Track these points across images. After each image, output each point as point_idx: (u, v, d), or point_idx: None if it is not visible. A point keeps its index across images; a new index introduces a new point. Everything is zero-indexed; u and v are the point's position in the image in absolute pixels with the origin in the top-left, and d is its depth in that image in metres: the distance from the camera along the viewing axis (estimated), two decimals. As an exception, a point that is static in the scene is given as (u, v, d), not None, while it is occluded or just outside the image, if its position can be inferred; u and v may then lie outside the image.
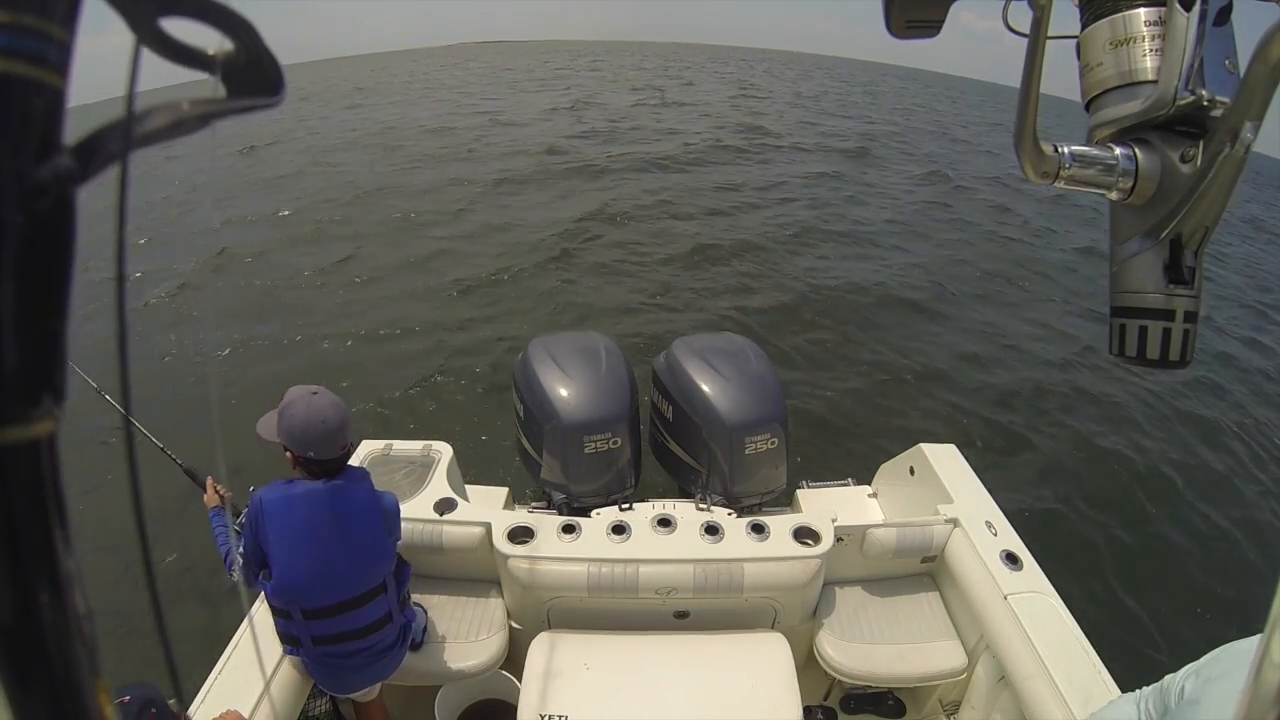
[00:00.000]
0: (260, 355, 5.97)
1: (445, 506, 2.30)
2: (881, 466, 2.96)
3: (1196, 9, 0.62)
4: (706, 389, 2.40)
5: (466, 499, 2.41)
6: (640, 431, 2.56)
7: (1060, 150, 0.69)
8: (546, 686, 1.82)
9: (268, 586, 1.73)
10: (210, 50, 0.25)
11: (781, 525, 2.19)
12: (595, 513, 2.28)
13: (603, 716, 1.76)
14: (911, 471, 2.72)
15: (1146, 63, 0.67)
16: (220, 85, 0.25)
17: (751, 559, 2.09)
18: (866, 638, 2.26)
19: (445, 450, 2.59)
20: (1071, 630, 1.98)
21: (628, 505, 2.30)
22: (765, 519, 2.22)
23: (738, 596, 2.09)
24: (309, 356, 5.95)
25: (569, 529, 2.17)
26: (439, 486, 2.41)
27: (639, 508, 2.29)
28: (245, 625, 1.93)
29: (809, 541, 2.15)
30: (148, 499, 0.27)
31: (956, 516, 2.36)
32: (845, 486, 2.99)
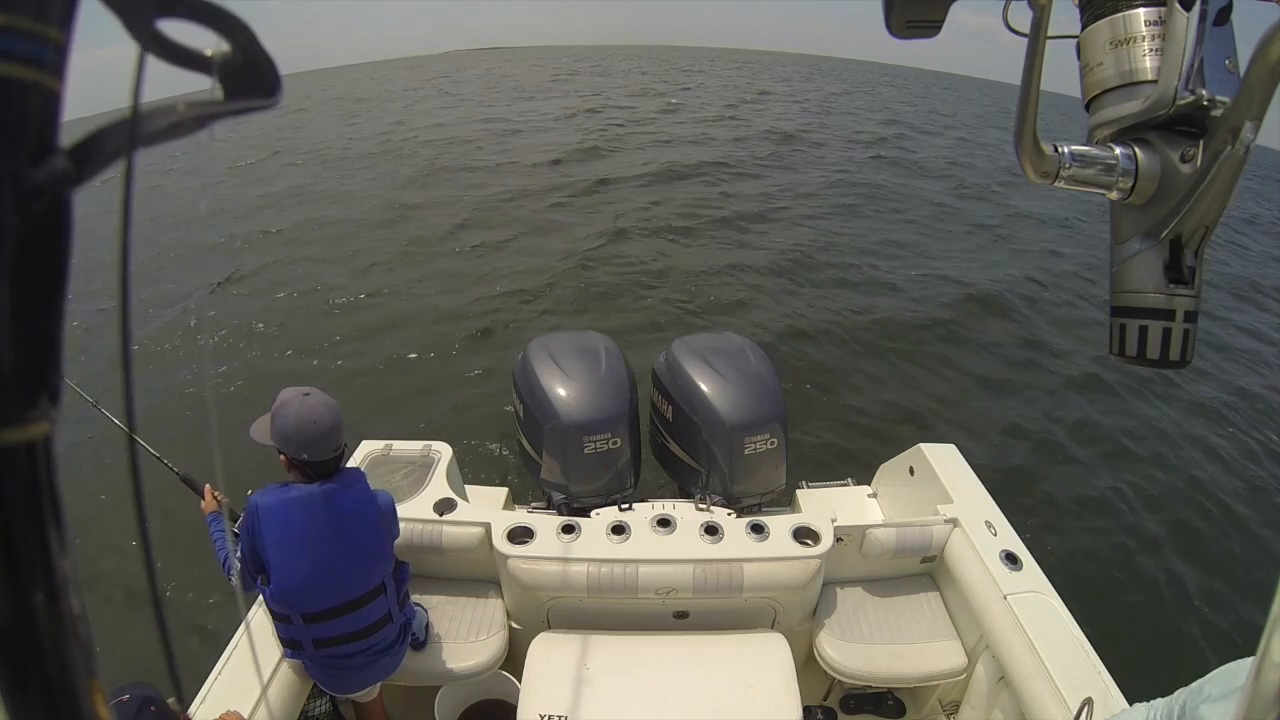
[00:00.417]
0: (258, 356, 5.97)
1: (445, 507, 2.30)
2: (881, 466, 2.95)
3: (1196, 9, 0.62)
4: (706, 389, 2.39)
5: (466, 499, 2.41)
6: (640, 432, 2.56)
7: (1060, 150, 0.69)
8: (546, 686, 1.82)
9: (267, 592, 1.72)
10: (207, 52, 0.25)
11: (781, 525, 2.19)
12: (595, 513, 2.28)
13: (602, 716, 1.75)
14: (911, 471, 2.72)
15: (1146, 63, 0.66)
16: (217, 87, 0.25)
17: (751, 559, 2.09)
18: (866, 638, 2.26)
19: (445, 450, 2.59)
20: (1071, 630, 1.98)
21: (627, 505, 2.30)
22: (765, 519, 2.21)
23: (737, 597, 2.09)
24: (307, 358, 5.95)
25: (569, 529, 2.16)
26: (439, 487, 2.41)
27: (639, 508, 2.29)
28: (244, 627, 1.94)
29: (809, 541, 2.15)
30: (147, 503, 0.27)
31: (956, 516, 2.36)
32: (845, 486, 2.99)
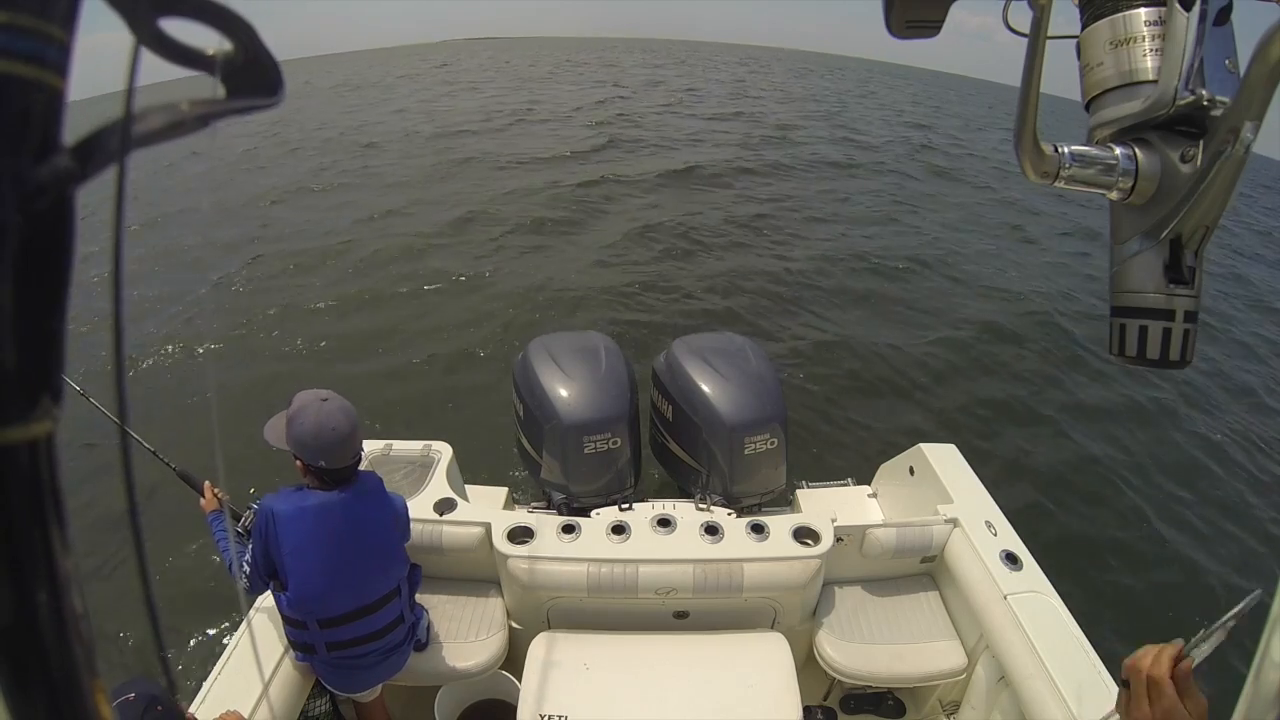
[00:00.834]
0: (257, 354, 5.96)
1: (445, 506, 2.30)
2: (881, 466, 2.96)
3: (1196, 9, 0.62)
4: (706, 389, 2.39)
5: (466, 499, 2.41)
6: (640, 431, 2.56)
7: (1060, 150, 0.69)
8: (546, 686, 1.82)
9: (282, 599, 1.70)
10: (209, 50, 0.25)
11: (781, 525, 2.19)
12: (595, 513, 2.28)
13: (603, 716, 1.75)
14: (911, 471, 2.72)
15: (1147, 63, 0.66)
16: (219, 86, 0.25)
17: (751, 559, 2.09)
18: (866, 638, 2.26)
19: (445, 450, 2.59)
20: (1071, 630, 1.98)
21: (627, 505, 2.30)
22: (765, 519, 2.21)
23: (737, 596, 2.09)
24: (307, 356, 5.94)
25: (569, 529, 2.16)
26: (439, 486, 2.41)
27: (639, 508, 2.29)
28: (245, 626, 1.94)
29: (809, 541, 2.15)
30: (144, 502, 0.27)
31: (956, 516, 2.36)
32: (845, 486, 2.99)
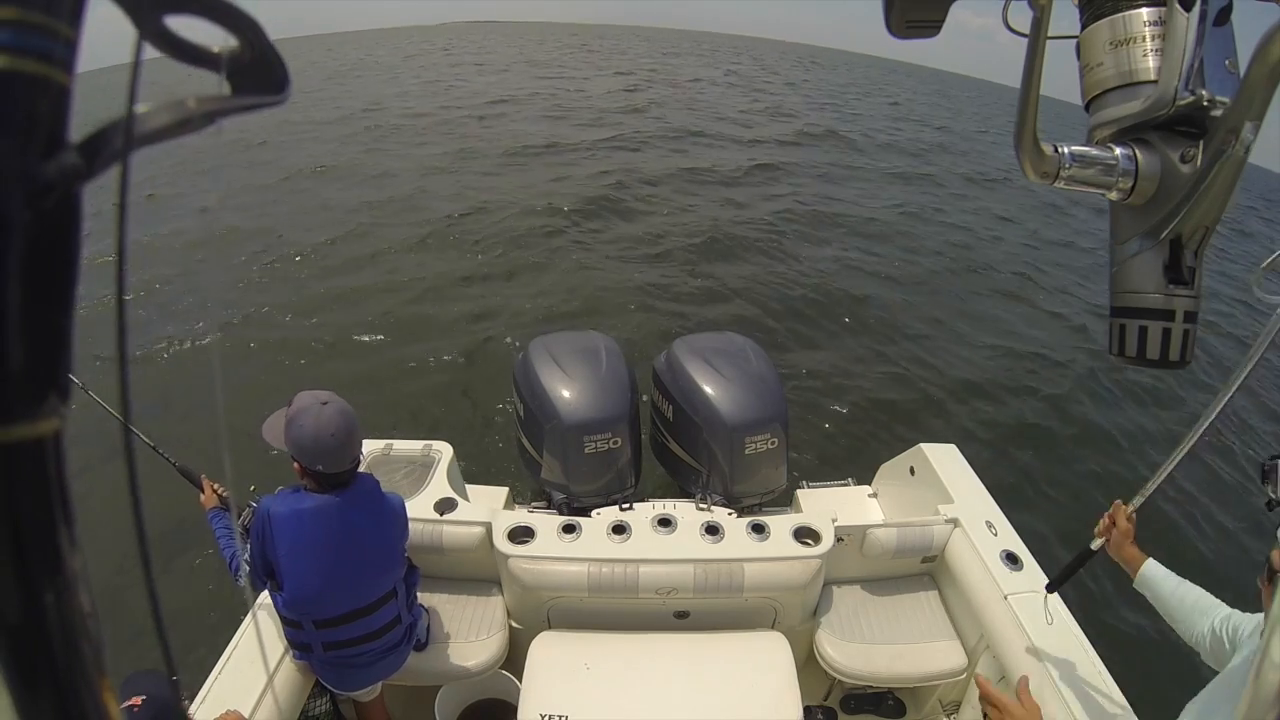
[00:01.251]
0: (257, 352, 5.95)
1: (445, 506, 2.30)
2: (881, 466, 2.96)
3: (1196, 9, 0.62)
4: (707, 389, 2.40)
5: (467, 499, 2.41)
6: (640, 431, 2.56)
7: (1060, 150, 0.69)
8: (546, 686, 1.82)
9: (279, 599, 1.70)
10: (215, 48, 0.25)
11: (781, 525, 2.19)
12: (595, 513, 2.28)
13: (603, 716, 1.75)
14: (912, 471, 2.72)
15: (1147, 63, 0.66)
16: (225, 83, 0.25)
17: (752, 559, 2.09)
18: (866, 638, 2.26)
19: (445, 450, 2.59)
20: (1072, 630, 1.98)
21: (628, 505, 2.30)
22: (765, 519, 2.22)
23: (738, 596, 2.09)
24: (307, 354, 5.93)
25: (569, 529, 2.16)
26: (439, 486, 2.41)
27: (639, 508, 2.29)
28: (245, 625, 1.93)
29: (809, 541, 2.15)
30: (146, 499, 0.27)
31: (957, 516, 2.36)
32: (845, 486, 2.99)
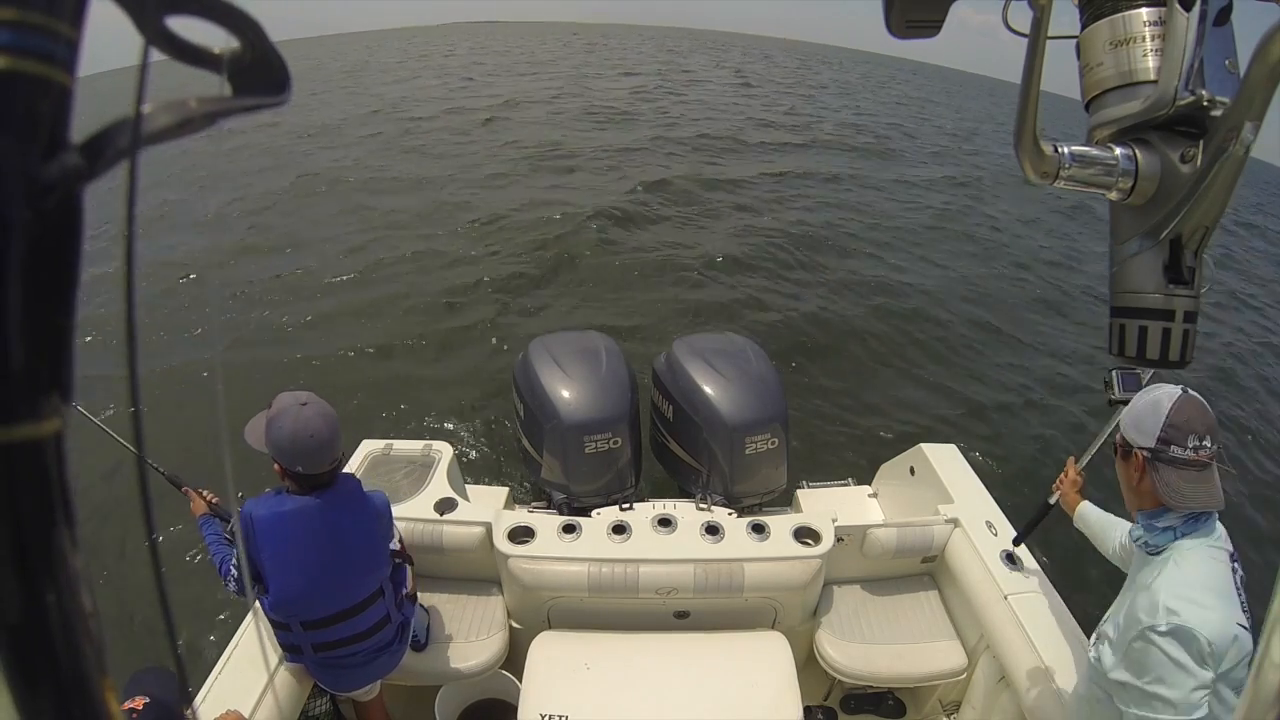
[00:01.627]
0: (256, 351, 5.94)
1: (445, 506, 2.30)
2: (881, 466, 2.96)
3: (1196, 9, 0.62)
4: (707, 389, 2.40)
5: (467, 499, 2.41)
6: (640, 431, 2.56)
7: (1060, 150, 0.69)
8: (546, 686, 1.82)
9: (265, 601, 1.70)
10: (216, 49, 0.25)
11: (782, 525, 2.19)
12: (595, 513, 2.28)
13: (603, 716, 1.75)
14: (912, 471, 2.72)
15: (1147, 63, 0.67)
16: (226, 84, 0.25)
17: (752, 559, 2.09)
18: (866, 638, 2.26)
19: (445, 450, 2.59)
20: (1072, 630, 1.98)
21: (628, 505, 2.30)
22: (765, 519, 2.22)
23: (738, 596, 2.09)
24: (307, 353, 5.93)
25: (569, 529, 2.17)
26: (439, 486, 2.41)
27: (639, 508, 2.29)
28: (245, 626, 1.93)
29: (809, 541, 2.15)
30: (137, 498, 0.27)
31: (957, 516, 2.36)
32: (845, 486, 2.99)
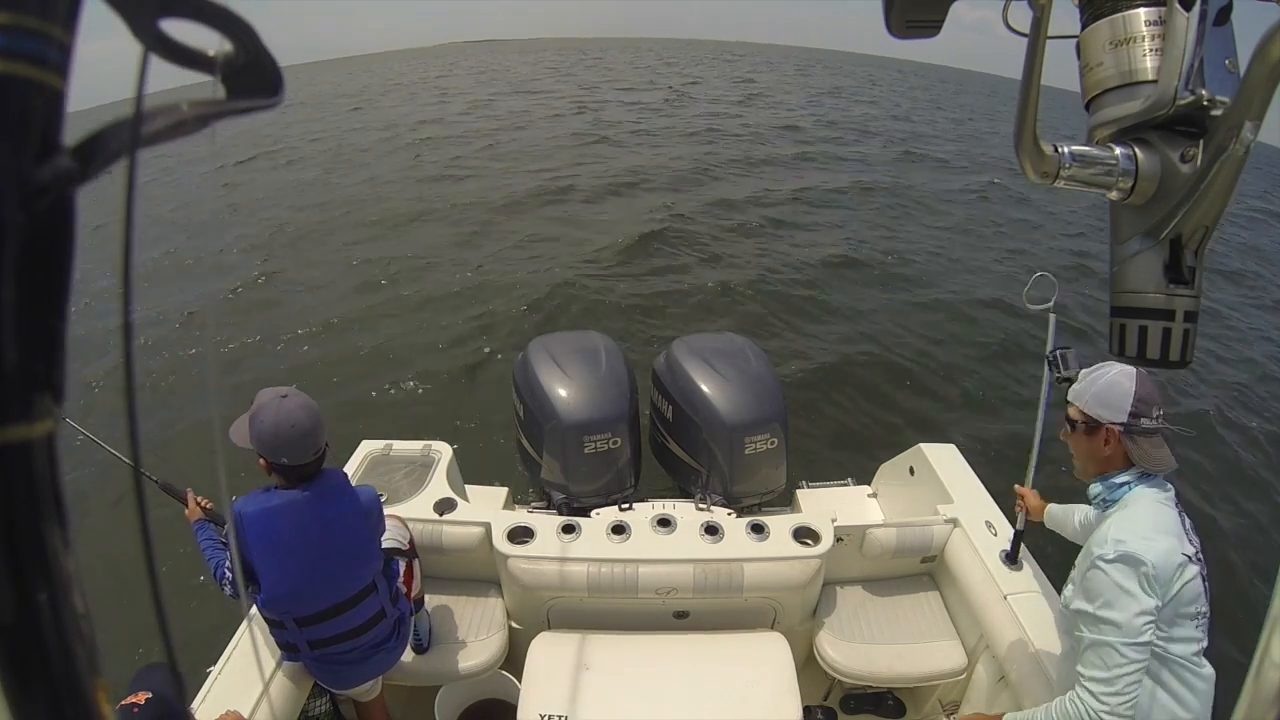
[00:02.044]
0: (255, 354, 5.95)
1: (445, 506, 2.31)
2: (881, 466, 2.96)
3: (1196, 9, 0.62)
4: (706, 389, 2.40)
5: (466, 499, 2.41)
6: (640, 431, 2.56)
7: (1060, 150, 0.69)
8: (546, 686, 1.82)
9: (258, 599, 1.71)
10: (210, 52, 0.25)
11: (781, 525, 2.19)
12: (595, 513, 2.28)
13: (603, 716, 1.75)
14: (911, 471, 2.72)
15: (1146, 63, 0.66)
16: (220, 86, 0.25)
17: (751, 559, 2.09)
18: (866, 638, 2.26)
19: (445, 450, 2.59)
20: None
21: (627, 505, 2.30)
22: (765, 519, 2.22)
23: (737, 596, 2.09)
24: (307, 354, 5.94)
25: (569, 529, 2.17)
26: (439, 486, 2.41)
27: (639, 508, 2.29)
28: (243, 627, 1.94)
29: (809, 541, 2.15)
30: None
31: (956, 516, 2.36)
32: (845, 486, 2.99)
